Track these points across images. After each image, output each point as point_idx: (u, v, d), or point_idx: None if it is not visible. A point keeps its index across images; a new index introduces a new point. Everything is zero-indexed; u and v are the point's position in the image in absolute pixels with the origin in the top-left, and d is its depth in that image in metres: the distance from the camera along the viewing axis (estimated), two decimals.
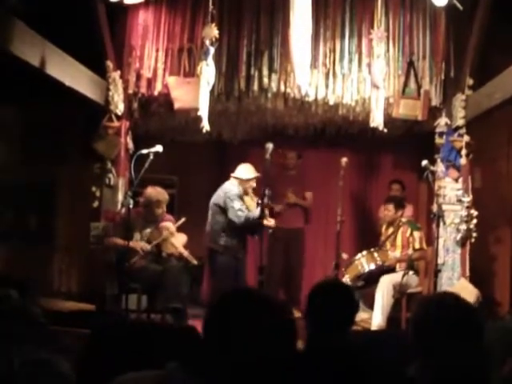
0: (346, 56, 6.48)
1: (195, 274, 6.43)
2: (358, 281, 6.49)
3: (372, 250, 6.61)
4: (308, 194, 7.91)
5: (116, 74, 6.79)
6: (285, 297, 8.12)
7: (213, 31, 6.08)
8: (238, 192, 6.39)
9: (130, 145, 7.00)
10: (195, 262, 6.26)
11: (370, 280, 6.48)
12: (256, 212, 6.11)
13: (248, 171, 6.53)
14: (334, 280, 4.79)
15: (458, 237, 6.51)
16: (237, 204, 6.30)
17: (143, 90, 6.75)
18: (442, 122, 6.68)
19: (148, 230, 6.36)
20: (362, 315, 6.40)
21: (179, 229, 6.40)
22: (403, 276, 6.16)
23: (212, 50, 6.04)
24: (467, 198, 6.55)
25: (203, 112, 6.06)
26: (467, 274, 6.53)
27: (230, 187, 6.44)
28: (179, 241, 6.32)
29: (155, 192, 6.36)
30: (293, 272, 7.92)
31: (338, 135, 8.16)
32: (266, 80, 6.47)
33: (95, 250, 6.73)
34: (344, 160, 6.55)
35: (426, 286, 6.76)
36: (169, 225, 6.35)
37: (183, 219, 6.40)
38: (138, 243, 6.22)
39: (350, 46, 6.49)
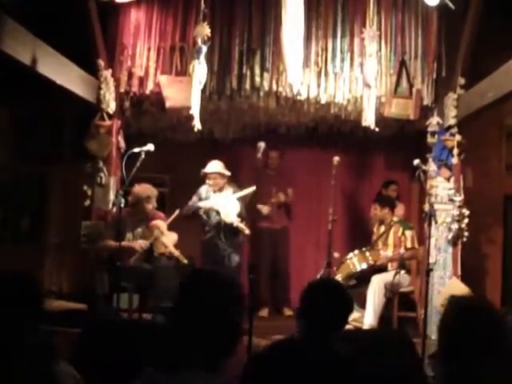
0: (338, 55, 6.48)
1: (186, 273, 6.42)
2: (350, 280, 6.50)
3: (364, 249, 6.62)
4: (289, 191, 7.90)
5: (108, 73, 6.76)
6: (272, 296, 8.08)
7: (205, 30, 6.07)
8: (199, 190, 6.81)
9: (122, 144, 6.97)
10: (185, 261, 6.25)
11: (362, 279, 6.49)
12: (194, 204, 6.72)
13: (209, 166, 6.66)
14: (328, 279, 4.76)
15: (450, 236, 6.52)
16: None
17: (135, 88, 6.73)
18: (434, 121, 6.68)
19: (139, 230, 6.36)
20: (353, 314, 6.40)
21: (170, 228, 6.39)
22: (395, 275, 6.18)
23: (204, 48, 6.03)
24: (459, 198, 6.55)
25: (195, 111, 6.04)
26: (459, 273, 6.53)
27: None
28: (170, 240, 6.31)
29: (142, 189, 6.37)
30: (280, 271, 7.92)
31: (329, 134, 8.16)
32: (257, 79, 6.47)
33: (86, 249, 6.71)
34: (336, 159, 6.55)
35: (417, 286, 6.78)
36: (160, 223, 6.34)
37: (176, 212, 6.41)
38: (136, 242, 6.23)
39: (342, 45, 6.49)
